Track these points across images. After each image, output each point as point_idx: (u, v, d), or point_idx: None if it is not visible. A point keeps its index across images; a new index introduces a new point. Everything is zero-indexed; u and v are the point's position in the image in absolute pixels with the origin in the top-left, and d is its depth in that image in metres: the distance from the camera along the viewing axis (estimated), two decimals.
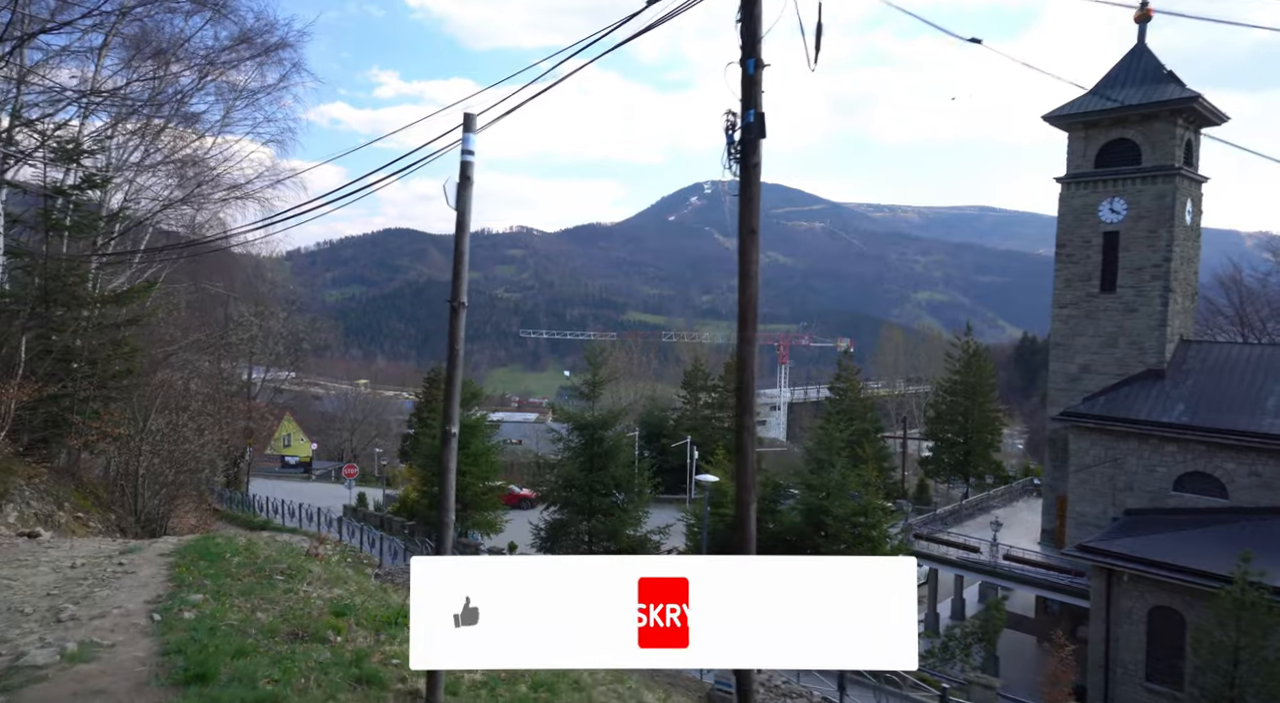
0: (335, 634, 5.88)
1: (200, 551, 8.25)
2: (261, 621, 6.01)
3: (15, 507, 12.16)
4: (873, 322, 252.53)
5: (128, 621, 5.64)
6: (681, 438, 49.83)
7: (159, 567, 7.51)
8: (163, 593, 6.43)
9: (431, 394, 54.68)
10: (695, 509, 24.02)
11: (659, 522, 27.56)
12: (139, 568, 7.46)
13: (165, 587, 6.66)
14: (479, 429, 33.06)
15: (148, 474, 15.87)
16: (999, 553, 27.33)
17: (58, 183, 16.42)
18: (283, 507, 36.09)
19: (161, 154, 18.29)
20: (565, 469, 26.93)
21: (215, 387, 23.65)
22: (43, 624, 5.54)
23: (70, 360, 15.70)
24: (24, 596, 6.30)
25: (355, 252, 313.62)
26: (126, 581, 6.92)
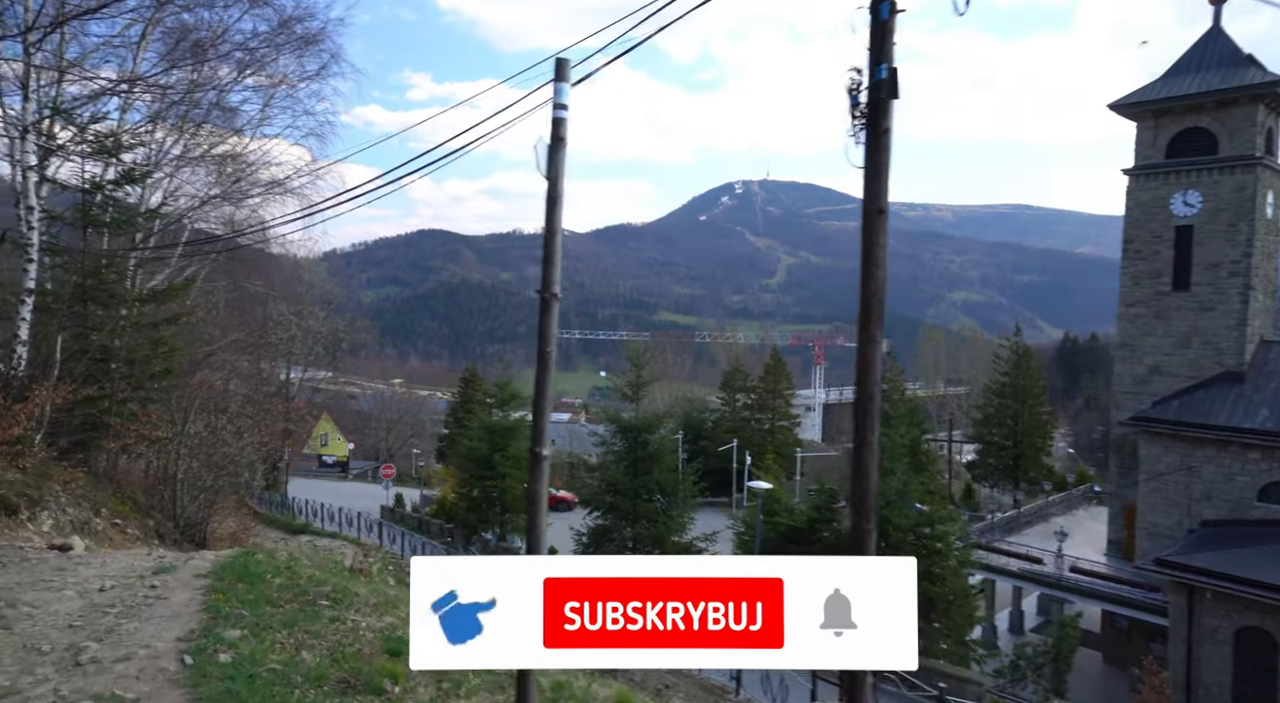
0: (392, 683, 5.07)
1: (239, 571, 7.53)
2: (307, 663, 5.23)
3: (51, 514, 11.62)
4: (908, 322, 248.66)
5: (155, 664, 4.89)
6: (719, 440, 48.79)
7: (193, 591, 6.79)
8: (196, 627, 5.68)
9: (467, 394, 54.31)
10: (746, 516, 23.02)
11: (704, 527, 26.59)
12: (172, 592, 6.74)
13: (199, 619, 5.91)
14: (518, 431, 32.37)
15: (186, 478, 15.34)
16: (1064, 565, 25.92)
17: (96, 178, 15.97)
18: (322, 510, 35.80)
19: (201, 149, 17.82)
20: (608, 473, 26.06)
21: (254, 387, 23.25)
22: (60, 669, 4.81)
23: (108, 360, 15.21)
24: (44, 628, 5.61)
25: (390, 252, 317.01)
26: (157, 609, 6.20)
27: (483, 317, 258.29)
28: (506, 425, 32.21)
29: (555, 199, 4.03)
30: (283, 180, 18.29)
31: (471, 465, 32.98)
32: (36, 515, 11.28)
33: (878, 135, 4.97)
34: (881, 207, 5.11)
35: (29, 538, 10.61)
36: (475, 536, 32.59)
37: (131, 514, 14.30)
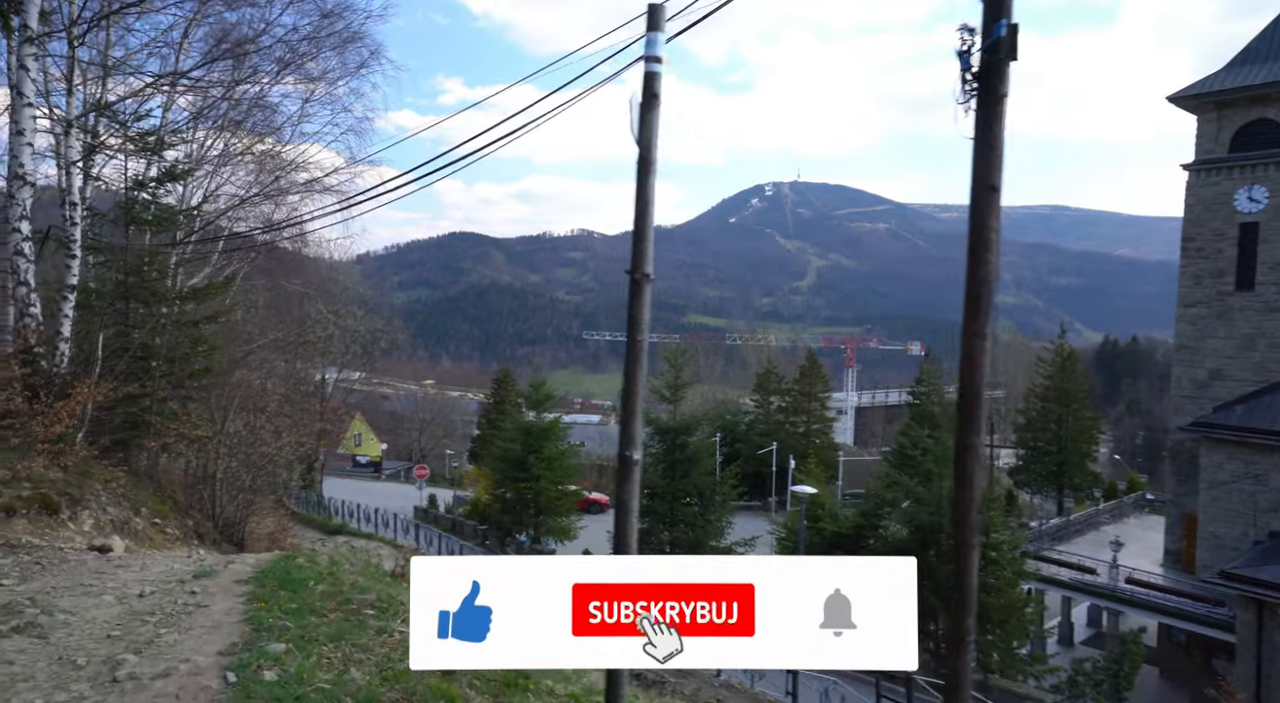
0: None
1: (280, 577, 7.17)
2: (356, 682, 4.82)
3: (91, 513, 11.43)
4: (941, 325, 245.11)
5: (197, 682, 4.51)
6: (753, 443, 48.05)
7: (234, 599, 6.43)
8: (238, 640, 5.31)
9: (500, 395, 54.28)
10: (788, 521, 22.39)
11: (742, 532, 26.01)
12: (212, 599, 6.39)
13: (241, 630, 5.54)
14: (553, 432, 32.09)
15: (225, 478, 15.17)
16: (1119, 576, 24.87)
17: (139, 176, 15.91)
18: (358, 511, 35.80)
19: (240, 147, 17.72)
20: (646, 476, 25.60)
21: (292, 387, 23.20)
22: (96, 685, 4.45)
23: (149, 358, 15.09)
24: (80, 638, 5.28)
25: (421, 255, 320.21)
26: (198, 618, 5.85)
27: (512, 318, 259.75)
28: (541, 427, 31.90)
29: (648, 165, 3.57)
30: (321, 178, 18.15)
31: (505, 467, 32.74)
32: (78, 515, 11.10)
33: (991, 103, 4.43)
34: (994, 183, 4.56)
35: (70, 538, 10.42)
36: (509, 537, 32.34)
37: (171, 514, 14.14)
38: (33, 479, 10.68)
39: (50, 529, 10.32)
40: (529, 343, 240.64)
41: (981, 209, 4.63)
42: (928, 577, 19.09)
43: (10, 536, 9.21)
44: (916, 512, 18.73)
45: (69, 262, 12.27)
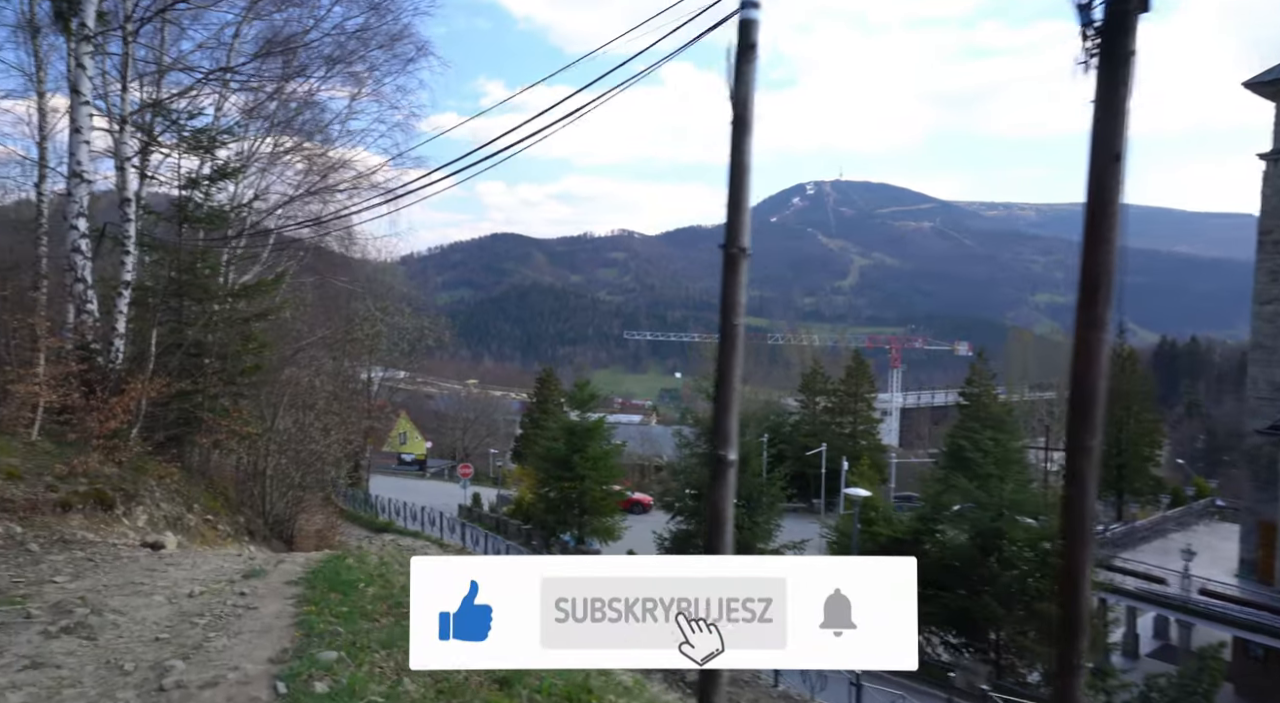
0: None
1: (330, 578, 6.94)
2: (411, 695, 4.53)
3: (145, 509, 11.44)
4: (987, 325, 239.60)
5: (245, 692, 4.26)
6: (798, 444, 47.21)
7: (284, 601, 6.21)
8: (288, 646, 5.06)
9: (543, 394, 54.34)
10: (839, 524, 21.75)
11: (791, 535, 25.39)
12: (262, 601, 6.18)
13: (291, 635, 5.30)
14: (597, 431, 31.83)
15: (275, 475, 15.18)
16: (1192, 586, 23.66)
17: (192, 174, 16.03)
18: (404, 509, 36.01)
19: (290, 144, 17.80)
20: (692, 476, 25.15)
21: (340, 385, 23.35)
22: (142, 693, 4.23)
23: (201, 355, 15.18)
24: (129, 640, 5.09)
25: (464, 256, 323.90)
26: (247, 621, 5.63)
27: (553, 319, 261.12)
28: (585, 427, 31.67)
29: (744, 125, 3.18)
30: (368, 174, 18.12)
31: (549, 466, 32.59)
32: (132, 511, 11.11)
33: (1118, 61, 3.94)
34: (1118, 152, 4.06)
35: (124, 534, 10.41)
36: (554, 537, 32.19)
37: (222, 510, 14.17)
38: (89, 475, 10.72)
39: (105, 525, 10.32)
40: (570, 343, 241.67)
41: (1103, 180, 4.12)
42: (989, 583, 18.40)
43: (66, 531, 9.19)
44: (978, 517, 17.98)
45: (124, 258, 12.34)
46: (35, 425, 11.33)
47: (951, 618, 18.56)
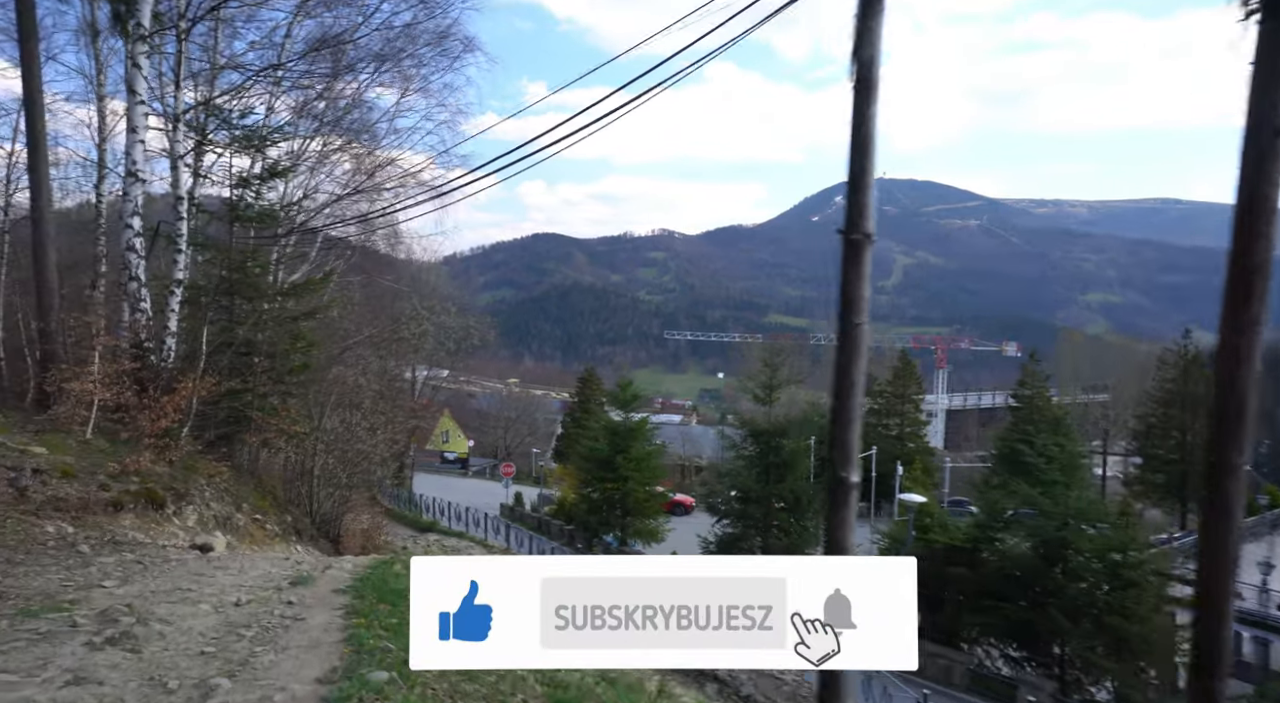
0: None
1: (379, 588, 6.69)
2: None
3: (195, 509, 11.41)
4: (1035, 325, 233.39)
5: None
6: None
7: (332, 612, 5.95)
8: (337, 664, 4.78)
9: (585, 393, 54.26)
10: (893, 531, 21.07)
11: None
12: (310, 612, 5.93)
13: (340, 651, 5.03)
14: (641, 432, 31.49)
15: (322, 474, 15.13)
16: (1270, 601, 22.42)
17: (243, 173, 16.08)
18: (449, 509, 36.10)
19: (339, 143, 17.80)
20: (739, 479, 24.65)
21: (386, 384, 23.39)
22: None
23: (251, 354, 15.19)
24: (174, 653, 4.87)
25: (505, 256, 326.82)
26: (294, 634, 5.38)
27: (593, 318, 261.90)
28: (628, 427, 31.35)
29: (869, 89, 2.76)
30: (415, 172, 18.03)
31: (592, 467, 32.35)
32: (182, 510, 11.06)
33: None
34: None
35: (173, 534, 10.35)
36: (596, 538, 31.96)
37: (271, 510, 14.14)
38: (141, 474, 10.70)
39: (156, 524, 10.27)
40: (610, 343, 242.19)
41: (1260, 160, 3.59)
42: (1055, 595, 17.55)
43: (117, 531, 9.13)
44: (1042, 525, 17.16)
45: (176, 256, 12.33)
46: (90, 424, 11.37)
47: (1012, 630, 17.77)
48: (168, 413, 10.85)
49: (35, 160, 13.68)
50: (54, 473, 9.74)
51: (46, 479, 9.42)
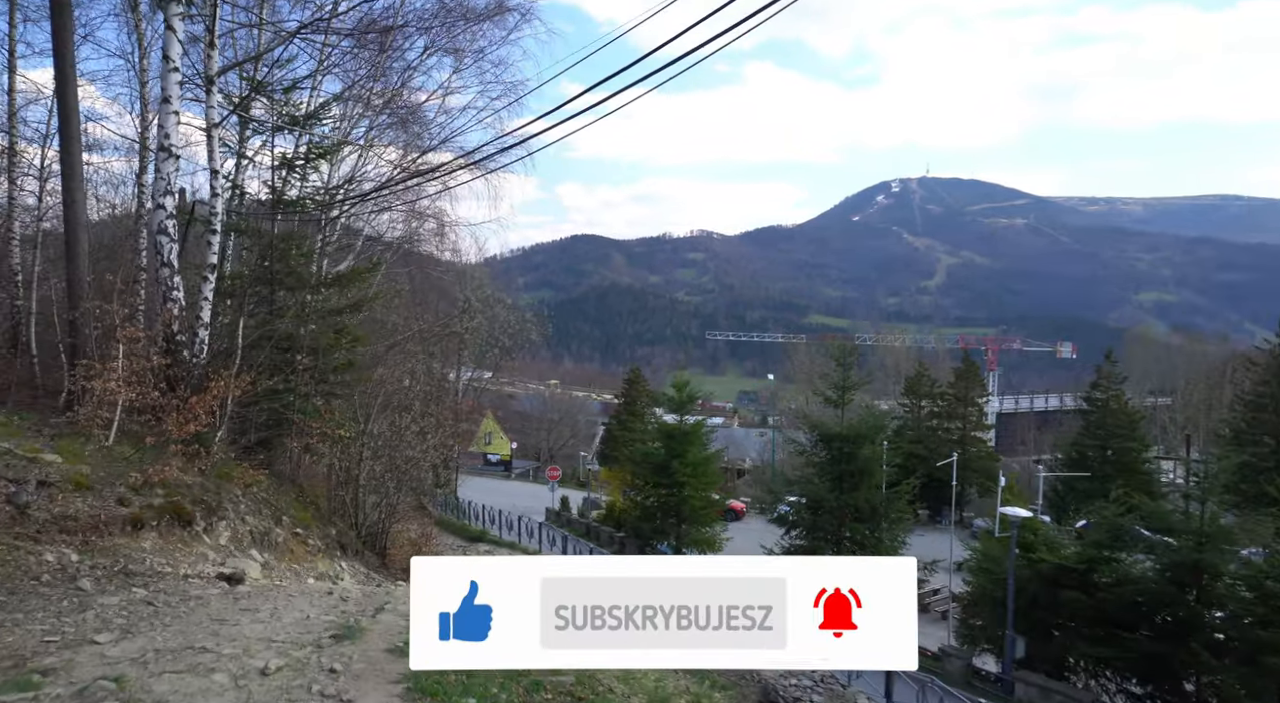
0: None
1: None
2: None
3: (229, 524, 10.03)
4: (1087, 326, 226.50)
5: None
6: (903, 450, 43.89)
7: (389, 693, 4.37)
8: None
9: (631, 394, 52.74)
10: (984, 546, 19.01)
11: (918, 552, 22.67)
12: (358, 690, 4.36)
13: None
14: (697, 435, 29.75)
15: (368, 482, 13.74)
16: None
17: (285, 155, 14.80)
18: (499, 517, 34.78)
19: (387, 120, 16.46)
20: (810, 487, 22.74)
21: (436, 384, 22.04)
22: None
23: (292, 350, 13.85)
24: None
25: (545, 258, 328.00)
26: None
27: (631, 320, 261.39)
28: (684, 430, 29.63)
29: None
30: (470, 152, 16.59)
31: (646, 471, 30.71)
32: (214, 526, 9.69)
33: None
34: None
35: (202, 555, 8.97)
36: (649, 546, 30.29)
37: (313, 522, 12.75)
38: (166, 485, 9.33)
39: (183, 544, 8.89)
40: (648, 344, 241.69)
41: None
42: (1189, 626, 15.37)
43: (134, 555, 7.74)
44: (1182, 547, 15.02)
45: (210, 239, 10.98)
46: (113, 427, 10.06)
47: (1137, 664, 15.66)
48: (198, 415, 9.48)
49: (67, 135, 12.53)
50: (66, 485, 8.39)
51: (55, 493, 8.07)
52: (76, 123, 13.39)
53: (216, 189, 10.92)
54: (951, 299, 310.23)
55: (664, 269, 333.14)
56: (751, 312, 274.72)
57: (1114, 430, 43.34)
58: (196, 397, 9.46)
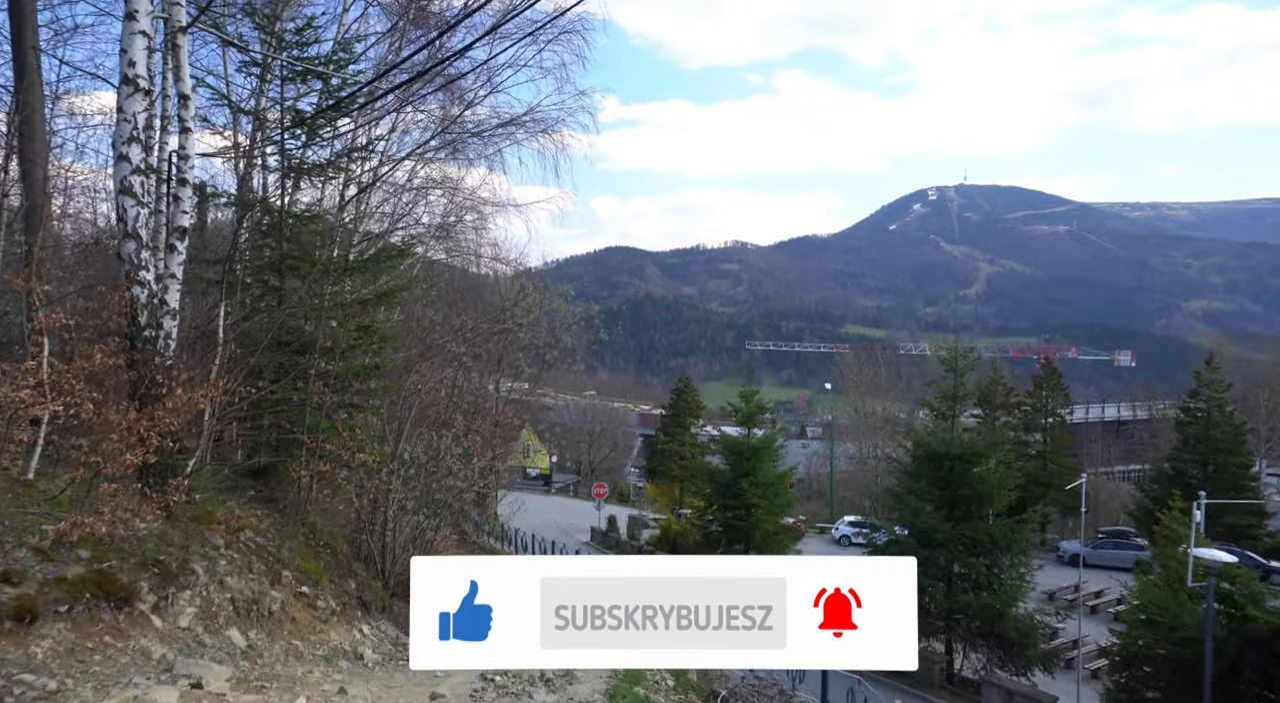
0: None
1: None
2: None
3: (196, 594, 6.94)
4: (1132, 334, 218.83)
5: None
6: None
7: None
8: None
9: (679, 406, 49.40)
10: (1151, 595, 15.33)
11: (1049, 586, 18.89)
12: None
13: None
14: (768, 451, 26.30)
15: (397, 521, 10.62)
16: None
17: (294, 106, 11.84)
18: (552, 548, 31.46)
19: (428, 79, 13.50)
20: (917, 518, 19.13)
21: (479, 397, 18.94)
22: None
23: (304, 351, 10.75)
24: None
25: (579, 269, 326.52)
26: None
27: (665, 331, 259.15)
28: (754, 446, 26.20)
29: None
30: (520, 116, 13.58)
31: (707, 490, 27.34)
32: (170, 601, 6.57)
33: None
34: None
35: (142, 652, 5.84)
36: None
37: (324, 576, 9.59)
38: (94, 543, 6.28)
39: (111, 638, 5.76)
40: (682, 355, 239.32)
41: None
42: None
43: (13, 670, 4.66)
44: None
45: (179, 191, 7.93)
46: (34, 454, 6.99)
47: None
48: (145, 438, 6.35)
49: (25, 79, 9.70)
50: None
51: None
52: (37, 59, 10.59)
53: (188, 121, 7.87)
54: (992, 308, 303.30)
55: (698, 280, 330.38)
56: (787, 322, 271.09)
57: (1217, 444, 39.11)
58: (141, 412, 6.33)
